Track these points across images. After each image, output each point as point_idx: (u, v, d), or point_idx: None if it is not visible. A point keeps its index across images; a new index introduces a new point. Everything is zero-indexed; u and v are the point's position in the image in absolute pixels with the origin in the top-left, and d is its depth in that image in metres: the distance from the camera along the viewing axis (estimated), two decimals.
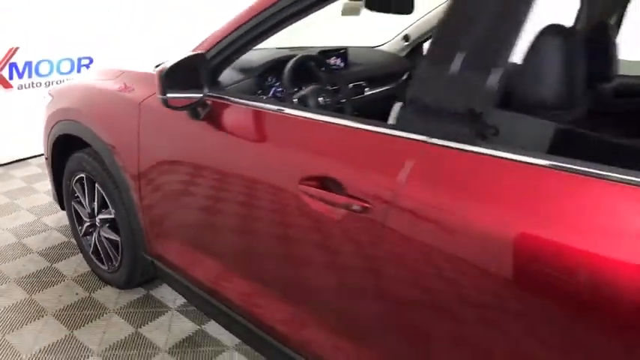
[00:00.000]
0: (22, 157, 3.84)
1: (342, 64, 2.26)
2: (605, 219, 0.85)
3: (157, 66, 1.50)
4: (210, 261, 1.70)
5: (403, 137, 1.11)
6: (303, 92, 1.79)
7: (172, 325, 2.13)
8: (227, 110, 1.52)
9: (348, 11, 2.08)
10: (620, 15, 1.94)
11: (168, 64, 1.38)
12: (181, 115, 1.57)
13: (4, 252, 2.61)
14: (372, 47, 2.66)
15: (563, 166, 0.90)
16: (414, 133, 1.10)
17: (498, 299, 0.98)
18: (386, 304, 1.17)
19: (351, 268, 1.22)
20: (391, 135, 1.14)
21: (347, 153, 1.22)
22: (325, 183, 1.22)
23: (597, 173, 0.86)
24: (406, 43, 2.56)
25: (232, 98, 1.53)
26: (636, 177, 0.83)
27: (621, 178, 0.84)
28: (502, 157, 0.98)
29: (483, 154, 1.00)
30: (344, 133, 1.25)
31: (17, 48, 3.54)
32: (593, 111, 1.56)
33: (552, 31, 1.23)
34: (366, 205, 1.14)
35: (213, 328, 2.10)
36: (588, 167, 0.88)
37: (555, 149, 1.02)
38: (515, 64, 1.20)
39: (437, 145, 1.06)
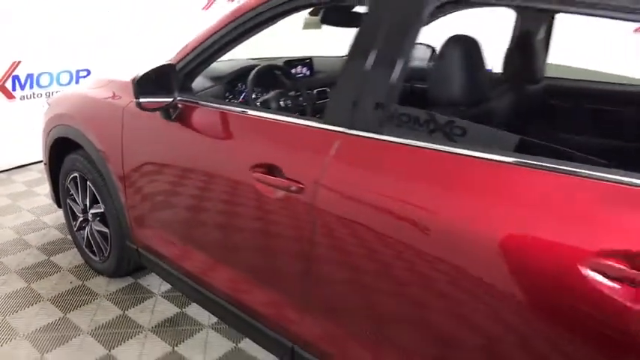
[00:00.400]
0: (23, 163, 4.10)
1: (307, 72, 2.51)
2: (468, 191, 1.10)
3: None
4: (185, 245, 1.94)
5: (329, 129, 1.36)
6: (266, 96, 2.04)
7: (156, 308, 2.37)
8: (195, 112, 1.77)
9: (310, 25, 2.33)
10: (550, 25, 2.18)
11: (142, 72, 1.63)
12: (156, 117, 1.82)
13: (5, 247, 2.85)
14: (339, 57, 2.91)
15: (444, 149, 1.15)
16: (338, 125, 1.34)
17: (408, 263, 1.22)
18: (325, 268, 1.40)
19: (293, 239, 1.46)
20: (321, 128, 1.39)
21: (287, 144, 1.47)
22: (270, 169, 1.46)
23: (470, 154, 1.10)
24: None
25: (200, 101, 1.78)
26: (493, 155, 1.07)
27: (492, 158, 1.08)
28: (403, 144, 1.22)
29: (388, 141, 1.25)
30: (287, 128, 1.50)
31: (20, 62, 3.82)
32: (520, 108, 1.80)
33: (455, 40, 1.47)
34: (301, 185, 1.38)
35: (194, 311, 2.33)
36: (457, 148, 1.12)
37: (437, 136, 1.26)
38: (429, 68, 1.44)
39: (353, 134, 1.31)
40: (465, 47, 1.46)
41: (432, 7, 1.22)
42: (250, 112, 1.63)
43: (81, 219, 2.56)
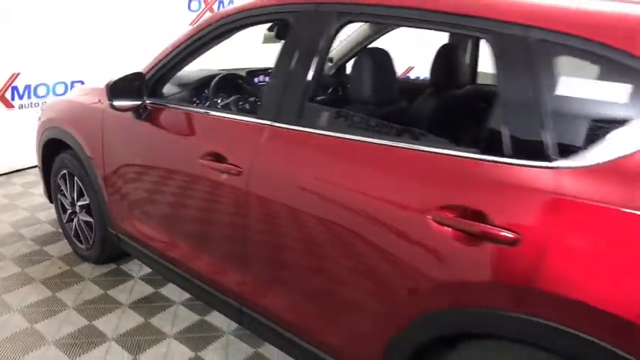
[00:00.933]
0: (21, 167, 4.44)
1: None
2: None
3: None
4: (151, 226, 2.26)
5: (260, 123, 1.69)
6: (226, 101, 2.37)
7: (134, 288, 2.68)
8: (162, 112, 2.10)
9: (268, 40, 2.67)
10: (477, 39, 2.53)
11: (114, 79, 1.97)
12: (130, 117, 2.15)
13: (2, 239, 3.17)
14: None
15: (345, 137, 1.48)
16: (267, 119, 1.67)
17: (315, 228, 1.54)
18: (259, 236, 1.72)
19: (234, 213, 1.78)
20: (255, 122, 1.72)
21: (230, 136, 1.80)
22: (217, 157, 1.79)
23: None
24: (330, 64, 3.15)
25: (166, 104, 2.11)
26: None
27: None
28: (313, 133, 1.56)
29: (303, 131, 1.58)
30: (231, 123, 1.83)
31: (18, 73, 4.18)
32: (440, 109, 2.12)
33: (366, 52, 1.81)
34: (239, 169, 1.71)
35: (167, 290, 2.65)
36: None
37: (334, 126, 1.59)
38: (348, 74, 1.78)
39: (278, 126, 1.64)
40: (375, 57, 1.79)
41: (334, 28, 1.56)
42: (205, 112, 1.97)
43: (70, 211, 2.89)
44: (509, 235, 1.12)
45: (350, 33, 3.06)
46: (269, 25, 2.42)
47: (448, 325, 1.28)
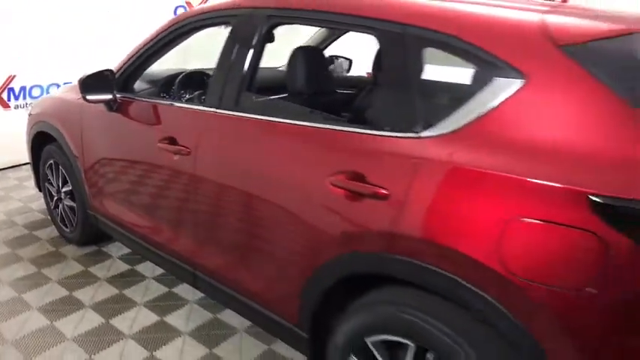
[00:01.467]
0: (17, 163, 4.75)
1: None
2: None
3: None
4: (122, 206, 2.56)
5: (206, 110, 1.98)
6: (190, 95, 2.67)
7: (112, 266, 2.97)
8: (130, 105, 2.40)
9: None
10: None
11: (85, 74, 2.27)
12: (103, 109, 2.45)
13: None
14: (274, 68, 3.54)
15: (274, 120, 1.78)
16: (211, 107, 1.97)
17: (246, 196, 1.83)
18: (203, 206, 2.01)
19: (184, 189, 2.08)
20: (202, 109, 2.01)
21: (182, 122, 2.10)
22: (171, 140, 2.08)
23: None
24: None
25: (135, 97, 2.41)
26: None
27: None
28: (247, 117, 1.85)
29: (237, 116, 1.87)
30: (184, 111, 2.13)
31: (14, 76, 4.50)
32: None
33: (298, 50, 2.10)
34: (188, 150, 2.00)
35: (141, 267, 2.94)
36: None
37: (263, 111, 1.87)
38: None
39: (219, 113, 1.93)
40: (306, 54, 2.08)
41: (265, 29, 1.86)
42: (165, 103, 2.27)
43: (56, 198, 3.19)
44: (383, 191, 1.41)
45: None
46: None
47: (346, 268, 1.55)
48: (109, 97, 2.36)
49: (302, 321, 1.74)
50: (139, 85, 2.58)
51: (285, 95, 2.04)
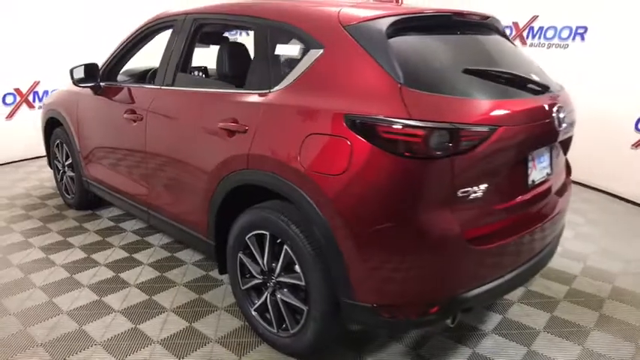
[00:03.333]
0: (40, 155, 5.60)
1: (203, 75, 3.92)
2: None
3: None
4: (100, 167, 3.32)
5: (156, 87, 2.73)
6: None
7: (101, 223, 3.72)
8: (111, 89, 3.17)
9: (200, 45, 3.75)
10: None
11: (75, 66, 3.07)
12: (91, 94, 3.24)
13: (17, 196, 4.31)
14: None
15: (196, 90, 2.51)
16: (158, 85, 2.71)
17: (181, 147, 2.54)
18: (149, 157, 2.74)
19: (140, 144, 2.81)
20: (153, 87, 2.76)
21: (139, 97, 2.84)
22: (131, 111, 2.83)
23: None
24: None
25: (114, 84, 3.19)
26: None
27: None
28: (178, 89, 2.58)
29: (174, 89, 2.61)
30: (142, 90, 2.88)
31: (39, 81, 5.42)
32: None
33: (225, 42, 2.83)
34: (142, 115, 2.74)
35: (125, 225, 3.68)
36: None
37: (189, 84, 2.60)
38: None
39: (163, 88, 2.67)
40: (229, 47, 2.81)
41: (194, 29, 2.60)
42: (130, 85, 3.04)
43: (61, 171, 3.99)
44: (245, 127, 2.09)
45: None
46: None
47: (229, 184, 2.21)
48: (94, 83, 3.15)
49: (210, 233, 2.42)
50: (122, 78, 3.36)
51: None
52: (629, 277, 3.02)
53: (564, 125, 2.08)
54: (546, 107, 1.98)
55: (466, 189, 1.72)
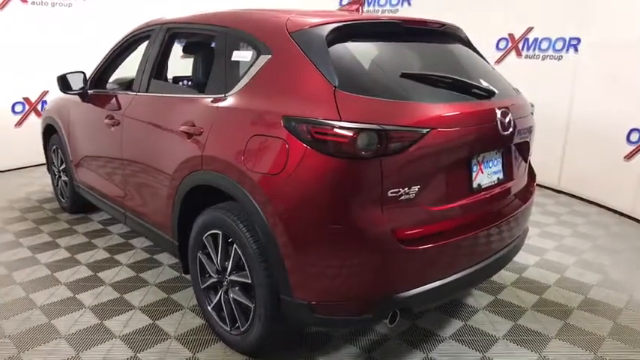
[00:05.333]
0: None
1: (189, 83, 4.05)
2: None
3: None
4: (88, 172, 3.45)
5: (132, 93, 2.85)
6: None
7: (91, 225, 3.86)
8: (97, 96, 3.32)
9: (185, 56, 3.88)
10: None
11: (62, 74, 3.23)
12: (79, 102, 3.40)
13: (18, 200, 4.50)
14: None
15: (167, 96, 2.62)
16: (135, 91, 2.83)
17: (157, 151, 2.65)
18: (125, 160, 2.85)
19: (118, 148, 2.93)
20: (129, 93, 2.88)
21: (118, 103, 2.97)
22: (110, 117, 2.96)
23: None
24: None
25: (100, 91, 3.34)
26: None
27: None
28: (152, 96, 2.69)
29: (148, 95, 2.72)
30: (121, 96, 3.00)
31: (47, 91, 5.66)
32: None
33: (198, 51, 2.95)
34: (119, 120, 2.87)
35: (113, 228, 3.80)
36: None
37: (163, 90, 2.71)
38: None
39: (138, 94, 2.79)
40: (200, 55, 2.91)
41: (167, 38, 2.72)
42: (111, 92, 3.18)
43: (57, 176, 4.16)
44: (200, 130, 2.18)
45: None
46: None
47: (188, 184, 2.28)
48: (81, 90, 3.30)
49: (174, 233, 2.50)
50: (112, 86, 3.50)
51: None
52: (604, 289, 2.97)
53: (511, 130, 2.10)
54: (488, 111, 2.00)
55: (397, 189, 1.75)
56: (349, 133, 1.69)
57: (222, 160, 2.05)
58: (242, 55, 2.19)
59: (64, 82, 3.28)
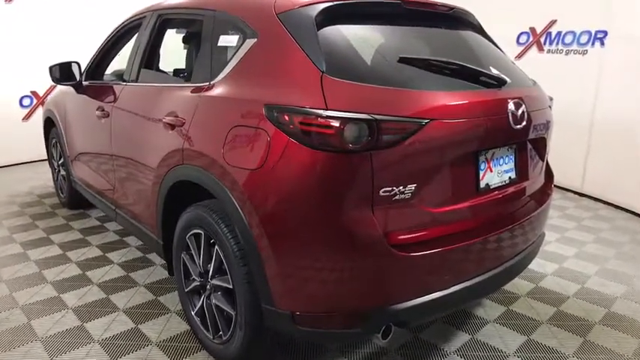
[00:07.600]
0: None
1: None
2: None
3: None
4: (82, 166, 3.33)
5: (123, 83, 2.70)
6: None
7: (87, 222, 3.74)
8: (89, 87, 3.19)
9: (185, 46, 3.72)
10: None
11: (54, 64, 3.10)
12: (75, 93, 3.27)
13: (20, 194, 4.43)
14: None
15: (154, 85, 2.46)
16: (125, 81, 2.69)
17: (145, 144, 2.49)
18: (115, 153, 2.71)
19: (107, 143, 2.79)
20: (120, 84, 2.74)
21: (108, 93, 2.83)
22: (100, 108, 2.82)
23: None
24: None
25: (95, 82, 3.21)
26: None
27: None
28: (141, 85, 2.54)
29: (137, 85, 2.57)
30: (109, 87, 2.86)
31: (55, 85, 5.58)
32: None
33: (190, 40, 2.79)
34: (108, 112, 2.72)
35: (109, 225, 3.68)
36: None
37: (150, 80, 2.55)
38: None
39: (128, 84, 2.64)
40: (191, 43, 2.75)
41: (159, 24, 2.56)
42: (102, 84, 3.04)
43: (57, 170, 4.06)
44: (182, 120, 2.01)
45: None
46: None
47: (171, 179, 2.11)
48: (75, 82, 3.18)
49: (158, 232, 2.34)
50: (109, 77, 3.37)
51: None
52: (629, 302, 2.70)
53: (525, 124, 1.87)
54: (498, 102, 1.78)
55: (390, 188, 1.55)
56: (336, 124, 1.49)
57: (203, 154, 1.87)
58: (228, 40, 2.00)
59: (57, 72, 3.16)
